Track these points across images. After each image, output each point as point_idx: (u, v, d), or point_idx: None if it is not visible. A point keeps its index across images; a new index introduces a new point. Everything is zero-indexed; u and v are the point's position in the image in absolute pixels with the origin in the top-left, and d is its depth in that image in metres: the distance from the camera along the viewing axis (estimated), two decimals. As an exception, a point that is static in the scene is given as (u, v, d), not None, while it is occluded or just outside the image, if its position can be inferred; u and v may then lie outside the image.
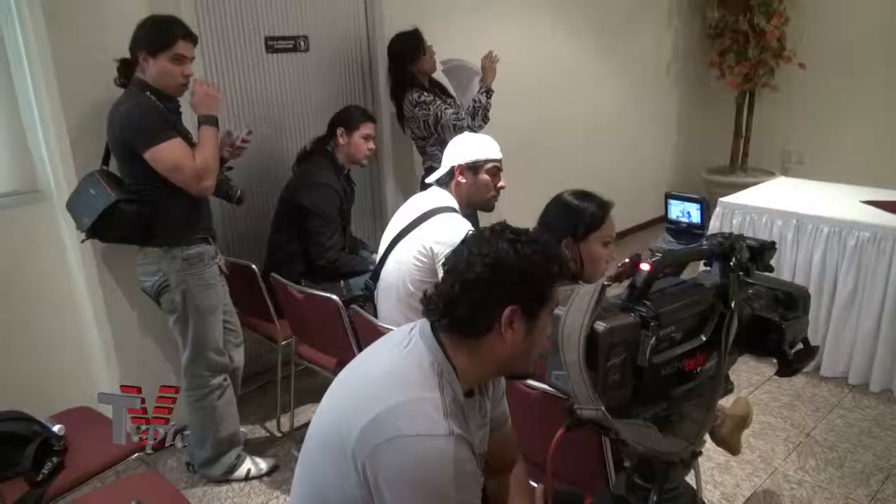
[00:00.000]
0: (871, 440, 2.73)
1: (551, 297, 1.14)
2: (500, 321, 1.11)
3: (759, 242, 1.09)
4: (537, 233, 1.19)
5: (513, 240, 1.13)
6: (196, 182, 2.17)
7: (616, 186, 5.11)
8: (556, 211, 1.87)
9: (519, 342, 1.14)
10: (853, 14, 4.90)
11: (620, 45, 4.99)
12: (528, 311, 1.13)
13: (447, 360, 1.14)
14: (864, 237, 2.96)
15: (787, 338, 1.05)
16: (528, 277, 1.12)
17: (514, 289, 1.12)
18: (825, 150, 5.23)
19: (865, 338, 3.03)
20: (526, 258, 1.11)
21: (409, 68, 3.29)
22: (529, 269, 1.11)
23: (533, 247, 1.13)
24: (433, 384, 1.10)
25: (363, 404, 1.08)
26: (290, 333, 2.74)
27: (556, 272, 1.15)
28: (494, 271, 1.11)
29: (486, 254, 1.12)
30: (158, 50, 2.14)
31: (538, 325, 1.14)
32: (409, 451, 1.02)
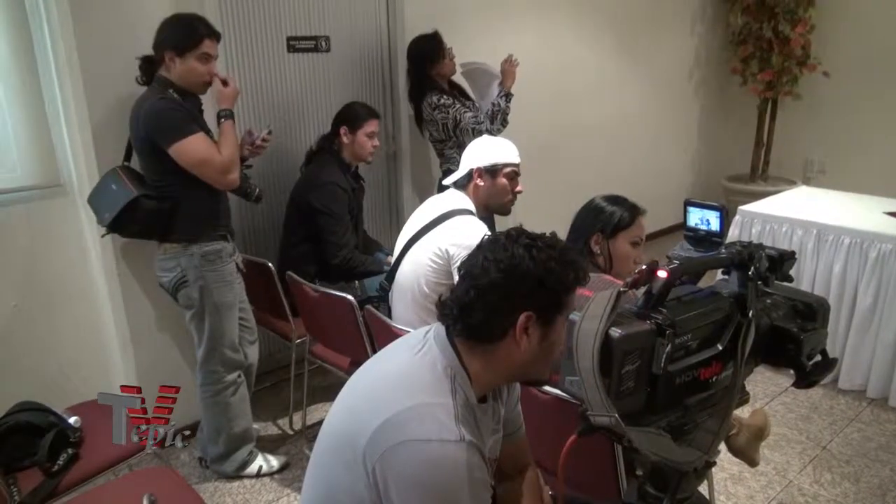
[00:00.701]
0: (889, 455, 2.69)
1: (568, 303, 1.13)
2: (515, 327, 1.10)
3: (779, 252, 1.08)
4: (554, 238, 1.17)
5: (529, 245, 1.12)
6: (223, 175, 2.19)
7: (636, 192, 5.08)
8: (585, 213, 1.92)
9: (534, 348, 1.13)
10: (879, 23, 4.83)
11: (642, 51, 4.96)
12: (544, 318, 1.12)
13: (461, 365, 1.13)
14: (887, 249, 2.91)
15: (805, 349, 1.04)
16: (544, 284, 1.10)
17: (529, 295, 1.10)
18: (848, 160, 5.17)
19: (885, 351, 2.98)
20: (542, 264, 1.10)
21: (428, 71, 3.29)
22: (545, 275, 1.10)
23: (549, 252, 1.11)
24: (446, 389, 1.09)
25: (375, 407, 1.08)
26: (304, 332, 2.75)
27: (573, 279, 1.13)
28: (509, 277, 1.10)
29: (501, 259, 1.11)
30: (186, 50, 2.16)
31: (554, 331, 1.13)
32: (419, 456, 1.02)
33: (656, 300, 0.92)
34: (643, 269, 0.96)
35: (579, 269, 1.14)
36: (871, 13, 4.88)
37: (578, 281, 1.14)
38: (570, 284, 1.13)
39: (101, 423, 2.03)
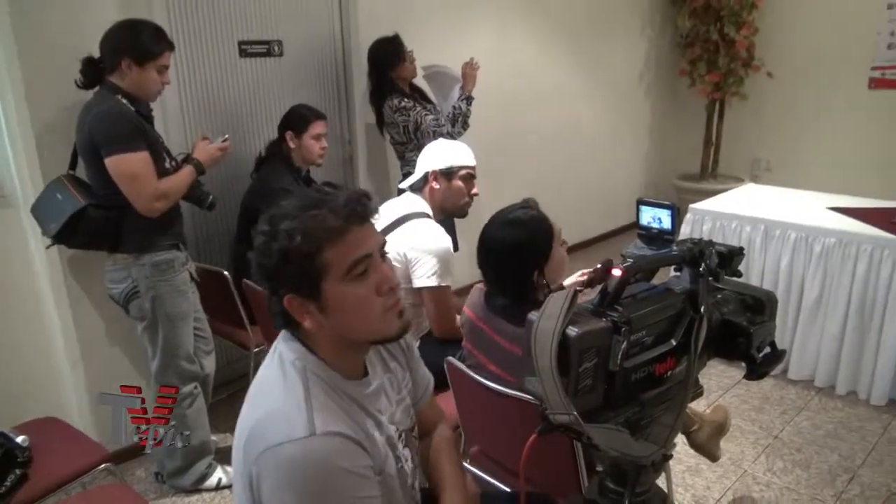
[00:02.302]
0: (837, 442, 2.79)
1: (325, 264, 1.04)
2: (291, 312, 1.08)
3: (728, 248, 1.11)
4: (294, 206, 1.07)
5: (270, 225, 1.06)
6: (150, 200, 2.13)
7: (590, 193, 5.23)
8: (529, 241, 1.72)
9: (332, 320, 1.08)
10: (819, 26, 5.02)
11: (595, 54, 5.04)
12: (306, 293, 1.06)
13: (310, 352, 1.10)
14: (830, 243, 3.02)
15: (755, 342, 1.07)
16: (288, 260, 1.04)
17: (278, 277, 1.07)
18: (792, 157, 5.35)
19: (831, 341, 3.09)
20: (283, 239, 1.03)
21: (389, 74, 3.29)
22: (286, 252, 1.03)
23: (289, 224, 1.04)
24: (297, 384, 1.06)
25: (242, 423, 1.07)
26: (262, 340, 2.71)
27: (318, 238, 1.04)
28: (259, 265, 1.08)
29: (256, 247, 1.08)
30: (147, 60, 2.12)
31: (329, 300, 1.06)
32: (275, 460, 0.99)
33: (612, 298, 0.94)
34: (598, 267, 0.98)
35: (321, 226, 1.04)
36: (811, 16, 5.06)
37: (330, 235, 1.04)
38: (318, 244, 1.04)
39: (51, 441, 1.97)
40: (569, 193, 4.87)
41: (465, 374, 1.73)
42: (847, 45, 4.91)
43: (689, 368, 1.01)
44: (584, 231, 5.27)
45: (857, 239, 2.95)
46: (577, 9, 4.78)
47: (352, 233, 1.06)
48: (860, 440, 2.79)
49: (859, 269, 2.94)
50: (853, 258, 2.96)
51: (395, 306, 1.11)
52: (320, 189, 1.11)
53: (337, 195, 1.08)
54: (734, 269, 1.12)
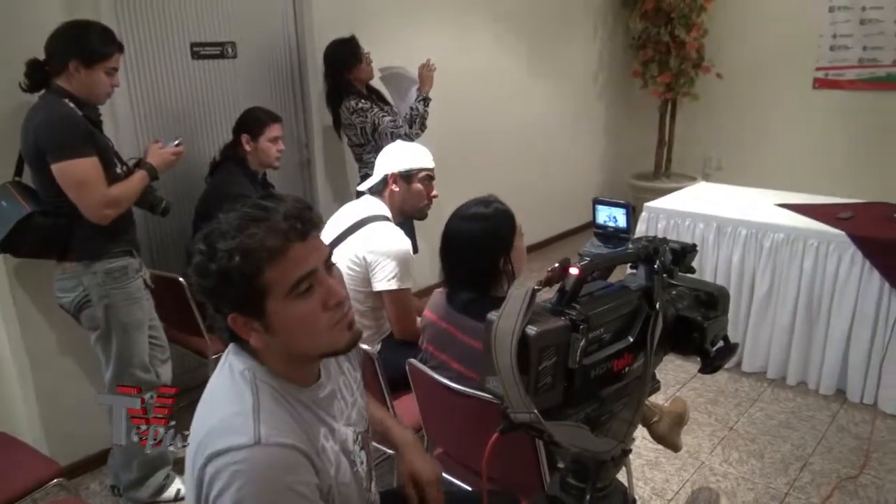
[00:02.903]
0: (789, 431, 2.88)
1: (267, 284, 1.01)
2: (235, 330, 1.05)
3: (681, 245, 1.13)
4: (232, 224, 1.03)
5: (207, 244, 1.02)
6: (99, 207, 2.07)
7: (548, 193, 5.28)
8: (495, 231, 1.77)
9: (271, 340, 1.05)
10: (766, 28, 5.18)
11: (549, 56, 5.10)
12: (250, 312, 1.03)
13: (259, 362, 1.08)
14: (779, 238, 3.12)
15: (709, 336, 1.09)
16: (229, 281, 1.00)
17: (220, 296, 1.03)
18: (742, 156, 5.50)
19: (781, 334, 3.19)
20: (222, 260, 1.00)
21: (345, 75, 3.27)
22: (226, 273, 1.00)
23: (228, 244, 1.00)
24: (246, 392, 1.04)
25: (193, 433, 1.05)
26: (220, 348, 2.66)
27: (261, 260, 1.00)
28: (198, 284, 1.04)
29: (193, 265, 1.04)
30: (96, 62, 2.06)
31: (274, 319, 1.03)
32: (220, 468, 0.97)
33: (569, 296, 0.95)
34: (556, 266, 0.99)
35: (260, 245, 1.00)
36: (758, 19, 5.21)
37: (271, 255, 1.01)
38: (260, 267, 1.00)
39: None
40: (527, 194, 4.90)
41: (428, 375, 1.73)
42: (792, 47, 5.07)
43: (647, 364, 1.03)
44: (543, 231, 5.33)
45: (804, 234, 3.05)
46: (531, 11, 4.82)
47: (293, 250, 1.02)
48: (811, 429, 2.89)
49: (806, 263, 3.05)
50: (800, 253, 3.06)
51: (343, 319, 1.09)
52: (259, 203, 1.06)
53: (277, 210, 1.04)
54: (688, 266, 1.15)
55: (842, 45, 4.90)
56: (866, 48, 4.80)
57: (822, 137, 5.08)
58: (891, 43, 4.69)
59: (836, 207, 3.29)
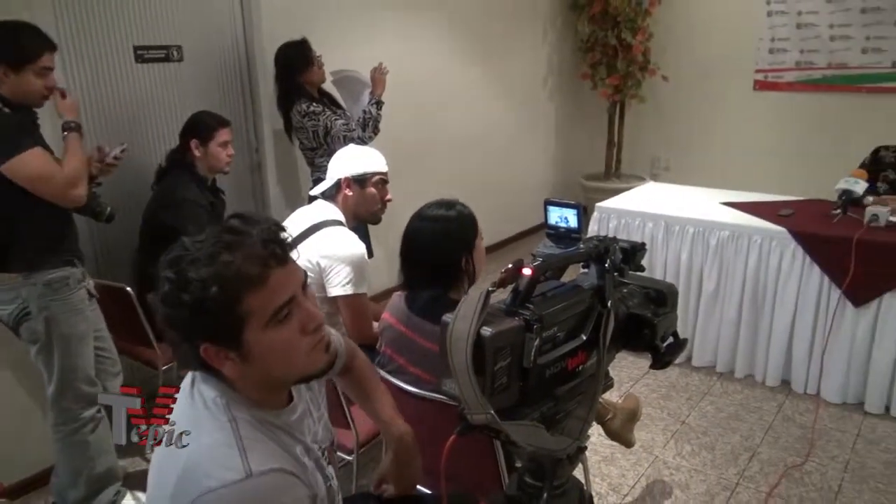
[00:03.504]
0: (738, 423, 2.96)
1: (246, 313, 0.97)
2: (208, 360, 1.00)
3: (631, 244, 1.16)
4: (205, 251, 0.97)
5: (177, 272, 0.96)
6: (66, 189, 2.02)
7: (501, 195, 5.32)
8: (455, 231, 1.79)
9: (247, 369, 1.01)
10: (708, 31, 5.33)
11: (500, 59, 5.15)
12: (226, 342, 0.99)
13: (228, 388, 1.04)
14: (724, 236, 3.21)
15: (659, 332, 1.12)
16: (205, 312, 0.95)
17: (192, 326, 0.98)
18: (688, 156, 5.65)
19: (729, 328, 3.29)
20: (196, 290, 0.94)
21: (297, 78, 3.23)
22: (200, 302, 0.95)
23: (201, 272, 0.95)
24: (223, 421, 1.00)
25: (165, 467, 1.00)
26: (170, 358, 2.60)
27: (239, 290, 0.96)
28: (166, 315, 0.98)
29: (161, 294, 0.98)
30: (23, 64, 1.98)
31: (252, 348, 0.99)
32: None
33: (523, 297, 0.96)
34: (510, 267, 1.00)
35: (239, 274, 0.96)
36: (700, 23, 5.36)
37: (251, 283, 0.97)
38: (237, 294, 0.96)
39: (-66, 479, 1.81)
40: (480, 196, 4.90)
41: (385, 379, 1.72)
42: (733, 50, 5.24)
43: (600, 361, 1.04)
44: (497, 233, 5.37)
45: (748, 231, 3.15)
46: (480, 15, 4.86)
47: (273, 277, 0.98)
48: (758, 420, 2.98)
49: (751, 259, 3.14)
50: (745, 250, 3.16)
51: (321, 342, 1.07)
52: (232, 227, 1.01)
53: (251, 234, 0.99)
54: (637, 264, 1.17)
55: (780, 49, 5.08)
56: (803, 51, 4.99)
57: (763, 137, 5.26)
58: (825, 47, 4.89)
59: (777, 205, 3.41)
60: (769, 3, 5.02)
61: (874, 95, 4.74)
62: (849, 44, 4.80)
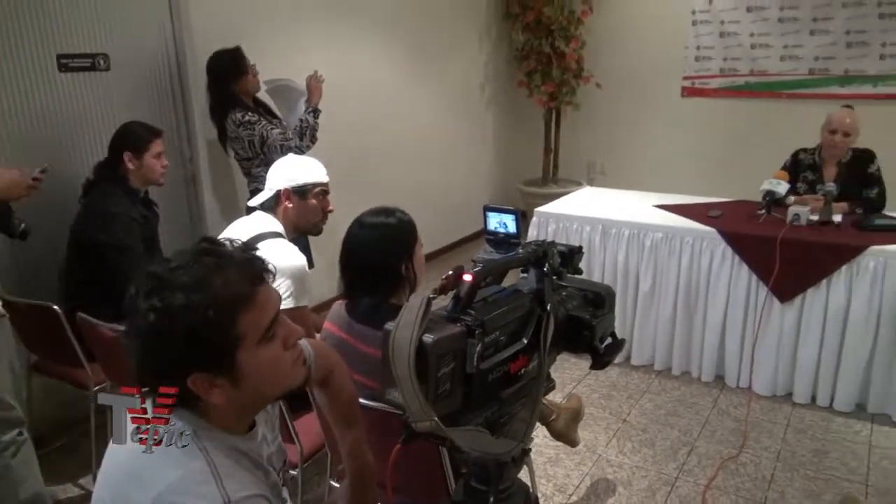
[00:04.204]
0: (676, 419, 3.05)
1: (241, 333, 0.97)
2: (195, 391, 0.96)
3: (568, 248, 1.18)
4: (190, 275, 0.95)
5: (160, 300, 0.93)
6: None
7: (440, 202, 5.33)
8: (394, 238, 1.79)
9: (235, 393, 0.99)
10: (638, 39, 5.50)
11: (437, 67, 5.18)
12: (220, 369, 0.97)
13: (199, 417, 1.01)
14: (658, 237, 3.31)
15: (598, 334, 1.14)
16: (199, 339, 0.93)
17: (186, 360, 0.95)
18: (622, 160, 5.81)
19: (665, 327, 3.39)
20: (189, 317, 0.92)
21: (230, 87, 3.17)
22: (197, 330, 0.93)
23: (196, 297, 0.93)
24: (195, 451, 0.98)
25: (133, 491, 0.97)
26: (103, 378, 2.50)
27: (235, 310, 0.96)
28: (150, 351, 0.95)
29: (141, 331, 0.94)
30: None
31: (244, 369, 0.98)
32: None
33: (464, 303, 0.96)
34: (450, 274, 1.00)
35: (232, 293, 0.96)
36: (630, 31, 5.53)
37: (244, 301, 0.97)
38: (232, 314, 0.96)
39: None
40: (420, 204, 4.91)
41: (328, 391, 1.70)
42: (662, 58, 5.42)
43: (541, 364, 1.06)
44: (437, 240, 5.38)
45: (680, 233, 3.26)
46: (418, 23, 4.88)
47: (260, 294, 0.99)
48: (695, 415, 3.08)
49: (683, 259, 3.26)
50: (678, 250, 3.27)
51: (300, 355, 1.09)
52: (207, 250, 0.99)
53: (231, 255, 1.00)
54: (575, 267, 1.20)
55: (705, 57, 5.29)
56: (726, 59, 5.21)
57: (692, 141, 5.46)
58: (747, 54, 5.12)
59: (706, 206, 3.54)
60: (694, 12, 5.23)
61: (792, 101, 5.00)
62: (768, 52, 5.04)
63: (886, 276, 2.84)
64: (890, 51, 4.63)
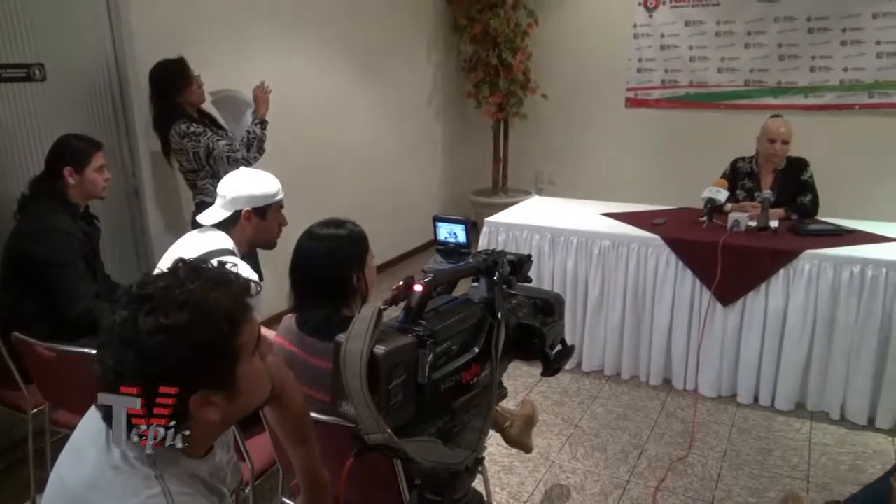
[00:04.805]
0: (626, 423, 3.11)
1: (241, 345, 0.98)
2: (193, 411, 0.95)
3: (518, 256, 1.20)
4: (196, 289, 0.95)
5: (166, 317, 0.91)
6: None
7: (391, 213, 5.33)
8: (341, 250, 1.78)
9: (230, 407, 1.00)
10: (583, 51, 5.62)
11: (386, 78, 5.18)
12: (222, 383, 0.97)
13: (161, 444, 0.97)
14: (606, 245, 3.38)
15: (548, 341, 1.16)
16: (209, 354, 0.94)
17: (194, 377, 0.94)
18: (570, 170, 5.92)
19: (614, 333, 3.45)
20: (204, 331, 0.93)
21: (174, 98, 3.09)
22: (211, 345, 0.93)
23: (211, 312, 0.94)
24: (150, 477, 0.95)
25: None
26: (41, 400, 2.40)
27: (240, 322, 0.98)
28: (159, 371, 0.91)
29: (145, 351, 0.90)
30: None
31: (241, 382, 0.99)
32: None
33: (415, 313, 0.97)
34: (401, 284, 1.00)
35: (239, 304, 0.99)
36: (575, 43, 5.64)
37: (244, 313, 1.00)
38: (237, 326, 0.98)
39: None
40: (370, 215, 4.89)
41: (279, 406, 1.67)
42: (606, 69, 5.55)
43: (493, 372, 1.07)
44: (388, 251, 5.37)
45: (627, 240, 3.34)
46: (366, 34, 4.87)
47: (250, 310, 1.03)
48: (644, 418, 3.14)
49: (630, 266, 3.33)
50: (625, 257, 3.34)
51: (266, 367, 1.11)
52: (195, 267, 1.00)
53: (217, 271, 1.02)
54: (525, 276, 1.22)
55: (647, 69, 5.44)
56: (667, 71, 5.38)
57: (636, 151, 5.60)
58: (687, 66, 5.29)
59: (651, 214, 3.64)
60: (635, 26, 5.38)
61: (730, 111, 5.18)
62: (706, 64, 5.22)
63: (821, 279, 2.96)
64: (819, 63, 4.85)
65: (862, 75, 4.74)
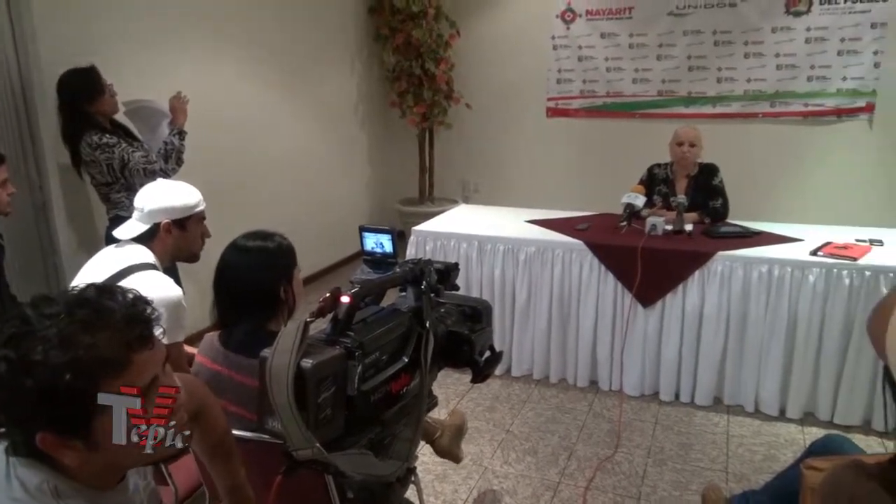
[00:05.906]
0: (556, 425, 3.17)
1: (96, 397, 0.88)
2: (44, 449, 0.88)
3: (445, 265, 1.20)
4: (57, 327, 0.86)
5: (15, 350, 0.84)
6: None
7: (317, 224, 5.27)
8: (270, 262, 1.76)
9: (91, 457, 0.91)
10: (504, 61, 5.73)
11: (309, 87, 5.12)
12: (72, 433, 0.89)
13: (59, 472, 0.92)
14: (531, 251, 3.45)
15: (477, 347, 1.17)
16: (51, 401, 0.85)
17: (34, 418, 0.87)
18: (494, 178, 6.02)
19: (541, 337, 3.52)
20: (43, 376, 0.84)
21: (85, 108, 2.95)
22: (50, 391, 0.84)
23: (54, 356, 0.84)
24: None
25: None
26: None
27: (97, 376, 0.87)
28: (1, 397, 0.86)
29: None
30: None
31: (103, 436, 0.89)
32: None
33: (343, 325, 0.96)
34: (328, 296, 0.99)
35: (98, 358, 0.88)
36: (497, 54, 5.75)
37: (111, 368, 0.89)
38: (94, 381, 0.87)
39: None
40: (296, 227, 4.80)
41: (203, 426, 1.61)
42: (527, 79, 5.69)
43: (423, 381, 1.07)
44: (314, 263, 5.29)
45: (552, 246, 3.42)
46: (287, 44, 4.80)
47: (136, 361, 0.90)
48: (573, 420, 3.21)
49: (556, 271, 3.41)
50: (550, 263, 3.41)
51: (179, 422, 0.98)
52: (87, 299, 0.90)
53: (113, 311, 0.90)
54: (452, 283, 1.22)
55: (566, 79, 5.60)
56: (585, 81, 5.55)
57: (558, 159, 5.75)
58: (603, 77, 5.48)
59: (574, 220, 3.73)
60: (554, 37, 5.53)
61: (645, 120, 5.40)
62: (622, 75, 5.42)
63: (732, 279, 3.12)
64: (725, 74, 5.13)
65: (764, 86, 5.04)
